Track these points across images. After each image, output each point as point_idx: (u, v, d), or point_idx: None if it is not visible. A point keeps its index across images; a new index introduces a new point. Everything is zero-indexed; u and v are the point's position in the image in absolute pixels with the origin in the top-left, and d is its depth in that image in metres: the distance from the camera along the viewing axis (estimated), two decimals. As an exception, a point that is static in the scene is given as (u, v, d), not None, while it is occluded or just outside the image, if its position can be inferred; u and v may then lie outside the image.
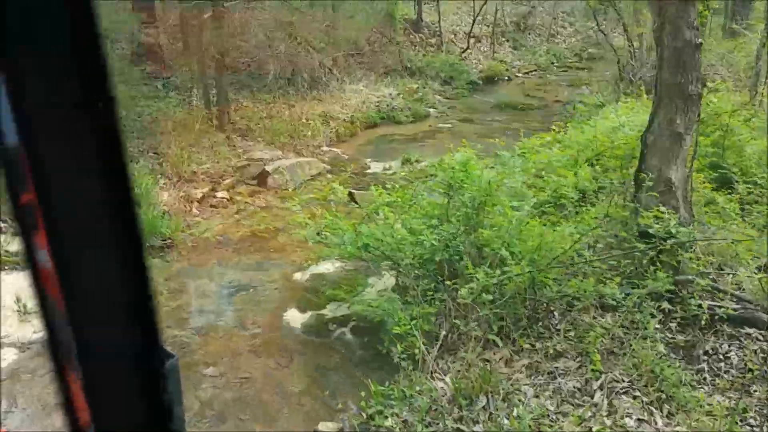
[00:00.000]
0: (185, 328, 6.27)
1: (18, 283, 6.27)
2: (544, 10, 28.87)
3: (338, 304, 6.43)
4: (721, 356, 5.08)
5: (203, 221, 8.96)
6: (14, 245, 6.77)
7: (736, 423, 4.27)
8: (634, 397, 4.65)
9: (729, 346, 5.16)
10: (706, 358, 5.08)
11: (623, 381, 4.78)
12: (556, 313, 5.68)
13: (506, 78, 22.53)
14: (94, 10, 0.52)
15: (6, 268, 6.85)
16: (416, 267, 5.62)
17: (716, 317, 5.14)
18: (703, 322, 5.13)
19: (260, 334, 6.20)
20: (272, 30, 14.99)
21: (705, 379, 4.87)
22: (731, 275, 5.74)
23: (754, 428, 4.32)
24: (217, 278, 7.36)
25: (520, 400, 4.65)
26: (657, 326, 5.18)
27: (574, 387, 4.81)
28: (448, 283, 5.33)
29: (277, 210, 9.50)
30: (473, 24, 23.52)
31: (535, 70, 23.89)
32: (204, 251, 8.13)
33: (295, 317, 6.50)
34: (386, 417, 4.57)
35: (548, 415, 4.53)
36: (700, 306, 5.02)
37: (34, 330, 5.91)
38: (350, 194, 10.35)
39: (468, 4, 27.44)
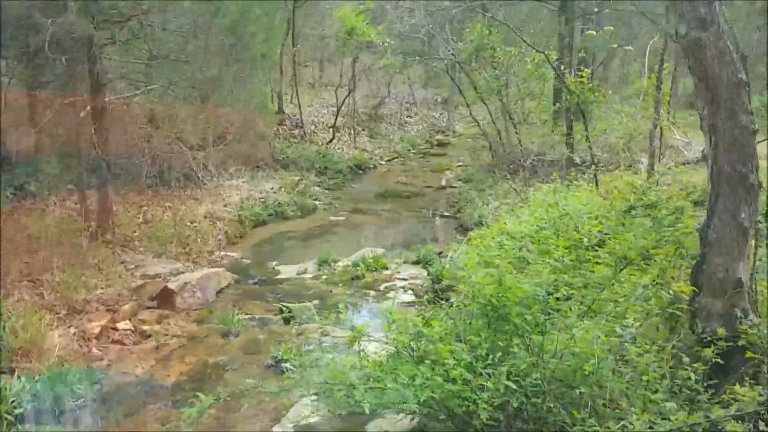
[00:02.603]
0: None
1: None
2: (394, 99, 29.54)
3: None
4: None
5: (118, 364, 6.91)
6: None
7: None
8: None
9: None
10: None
11: None
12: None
13: (372, 166, 22.39)
14: None
15: None
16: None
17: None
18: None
19: None
20: (142, 126, 13.17)
21: None
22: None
23: None
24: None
25: None
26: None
27: None
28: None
29: (207, 339, 7.66)
30: (337, 115, 23.21)
31: (396, 158, 24.13)
32: (132, 407, 6.13)
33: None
34: None
35: None
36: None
37: None
38: (284, 311, 8.76)
39: (319, 95, 27.38)
